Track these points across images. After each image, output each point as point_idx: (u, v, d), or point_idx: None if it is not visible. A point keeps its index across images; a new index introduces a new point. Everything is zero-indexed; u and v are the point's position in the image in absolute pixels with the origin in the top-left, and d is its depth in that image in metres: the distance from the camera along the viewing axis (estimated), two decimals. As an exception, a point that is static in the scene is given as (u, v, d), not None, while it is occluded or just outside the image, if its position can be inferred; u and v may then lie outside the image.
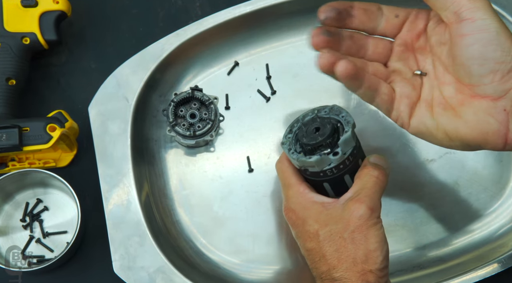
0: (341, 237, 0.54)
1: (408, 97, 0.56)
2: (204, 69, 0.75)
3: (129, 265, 0.66)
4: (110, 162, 0.68)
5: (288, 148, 0.58)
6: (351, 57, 0.57)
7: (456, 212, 0.72)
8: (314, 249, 0.56)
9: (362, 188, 0.55)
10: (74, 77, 0.76)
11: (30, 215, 0.71)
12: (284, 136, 0.60)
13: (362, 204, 0.54)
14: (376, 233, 0.54)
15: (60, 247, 0.70)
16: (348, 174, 0.57)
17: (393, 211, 0.71)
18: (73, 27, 0.77)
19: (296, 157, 0.57)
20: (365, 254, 0.53)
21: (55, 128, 0.67)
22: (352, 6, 0.58)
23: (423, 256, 0.70)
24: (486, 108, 0.52)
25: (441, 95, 0.55)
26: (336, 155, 0.55)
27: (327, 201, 0.57)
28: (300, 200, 0.58)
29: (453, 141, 0.54)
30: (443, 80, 0.55)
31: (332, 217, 0.55)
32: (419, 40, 0.57)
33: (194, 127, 0.70)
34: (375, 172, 0.56)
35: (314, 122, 0.58)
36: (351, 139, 0.56)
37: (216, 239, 0.71)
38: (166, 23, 0.77)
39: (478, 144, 0.53)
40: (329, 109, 0.59)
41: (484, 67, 0.51)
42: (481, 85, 0.52)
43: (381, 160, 0.58)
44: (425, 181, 0.72)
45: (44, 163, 0.72)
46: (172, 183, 0.73)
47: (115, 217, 0.67)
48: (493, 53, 0.50)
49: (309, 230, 0.56)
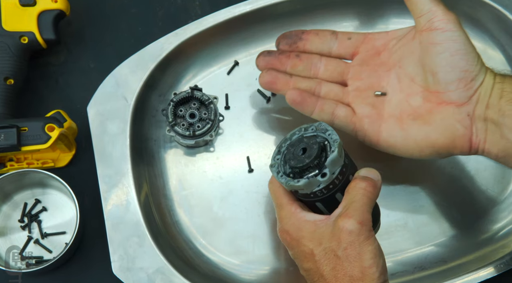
0: (335, 255, 0.53)
1: (368, 116, 0.61)
2: (203, 69, 0.75)
3: (128, 266, 0.66)
4: (109, 162, 0.68)
5: (276, 171, 0.57)
6: (300, 78, 0.64)
7: (458, 212, 0.72)
8: (312, 269, 0.55)
9: (350, 202, 0.54)
10: (73, 77, 0.76)
11: (29, 216, 0.71)
12: (272, 158, 0.59)
13: (350, 219, 0.53)
14: (369, 249, 0.53)
15: (59, 248, 0.70)
16: (339, 192, 0.56)
17: (394, 212, 0.71)
18: (72, 26, 0.77)
19: (285, 181, 0.56)
20: (361, 271, 0.52)
21: (53, 128, 0.67)
22: (303, 32, 0.66)
23: (425, 257, 0.70)
24: (452, 114, 0.57)
25: (409, 106, 0.59)
26: (324, 177, 0.54)
27: (319, 219, 0.56)
28: (293, 220, 0.57)
29: (423, 150, 0.59)
30: (409, 91, 0.60)
31: (324, 235, 0.54)
32: (380, 57, 0.62)
33: (194, 127, 0.70)
34: (363, 184, 0.55)
35: (300, 143, 0.57)
36: (338, 158, 0.55)
37: (216, 240, 0.71)
38: (165, 22, 0.77)
39: (447, 150, 0.58)
40: (315, 127, 0.58)
41: (451, 75, 0.56)
42: (447, 92, 0.57)
43: (370, 172, 0.57)
44: (426, 182, 0.72)
45: (42, 163, 0.72)
46: (171, 183, 0.73)
47: (114, 218, 0.67)
48: (460, 62, 0.56)
49: (305, 250, 0.56)
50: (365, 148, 0.64)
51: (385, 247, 0.55)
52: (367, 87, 0.63)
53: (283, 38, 0.67)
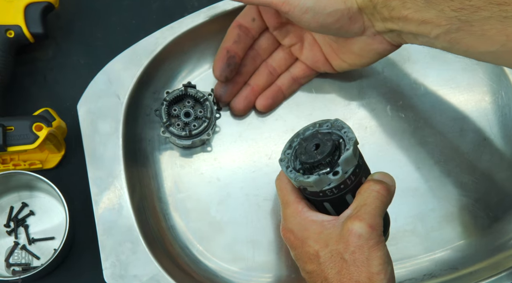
0: (342, 258, 0.53)
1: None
2: (200, 65, 0.75)
3: (121, 273, 0.66)
4: (100, 164, 0.68)
5: (286, 166, 0.58)
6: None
7: (469, 217, 0.72)
8: (315, 272, 0.55)
9: (362, 204, 0.54)
10: (62, 73, 0.76)
11: (15, 220, 0.71)
12: (282, 152, 0.59)
13: (361, 222, 0.53)
14: (378, 255, 0.53)
15: (47, 254, 0.70)
16: (350, 194, 0.56)
17: (402, 216, 0.72)
18: (61, 20, 0.77)
19: (294, 177, 0.56)
20: (368, 277, 0.52)
21: (41, 127, 0.67)
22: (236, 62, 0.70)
23: (434, 264, 0.70)
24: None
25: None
26: (336, 175, 0.54)
27: (327, 220, 0.56)
28: (298, 219, 0.57)
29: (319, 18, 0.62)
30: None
31: (331, 237, 0.55)
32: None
33: (190, 127, 0.70)
34: (376, 187, 0.55)
35: (314, 138, 0.57)
36: (352, 157, 0.55)
37: (213, 245, 0.71)
38: (160, 15, 0.77)
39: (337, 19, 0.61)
40: (331, 124, 0.58)
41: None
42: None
43: (385, 177, 0.57)
44: (436, 184, 0.72)
45: (30, 164, 0.71)
46: (166, 185, 0.73)
47: (106, 222, 0.67)
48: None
49: (309, 251, 0.56)
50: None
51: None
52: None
53: (221, 72, 0.69)
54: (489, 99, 0.74)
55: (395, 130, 0.73)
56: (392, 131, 0.73)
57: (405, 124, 0.73)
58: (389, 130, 0.73)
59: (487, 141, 0.73)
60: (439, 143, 0.73)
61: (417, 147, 0.73)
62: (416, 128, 0.73)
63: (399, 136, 0.73)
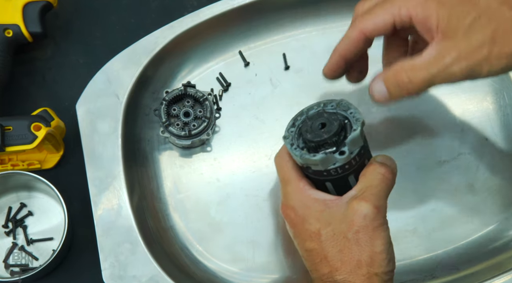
0: (344, 237, 0.54)
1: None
2: (200, 64, 0.75)
3: (120, 274, 0.65)
4: (99, 164, 0.68)
5: (290, 143, 0.58)
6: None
7: (471, 217, 0.72)
8: (315, 250, 0.56)
9: (367, 186, 0.55)
10: (61, 73, 0.76)
11: (13, 221, 0.71)
12: (286, 130, 0.59)
13: (367, 202, 0.54)
14: (382, 235, 0.54)
15: (46, 255, 0.70)
16: (353, 175, 0.57)
17: (403, 216, 0.71)
18: (59, 19, 0.77)
19: (299, 154, 0.56)
20: (370, 257, 0.53)
21: (40, 127, 0.67)
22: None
23: (435, 264, 0.70)
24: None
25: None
26: (342, 155, 0.55)
27: (329, 199, 0.56)
28: (300, 197, 0.57)
29: None
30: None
31: (334, 216, 0.55)
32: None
33: (189, 126, 0.70)
34: (382, 169, 0.56)
35: (320, 117, 0.57)
36: (359, 138, 0.55)
37: (213, 246, 0.71)
38: (160, 14, 0.77)
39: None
40: (336, 104, 0.58)
41: None
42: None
43: (388, 160, 0.58)
44: (437, 184, 0.72)
45: (28, 164, 0.71)
46: (166, 186, 0.72)
47: (105, 223, 0.67)
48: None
49: (310, 229, 0.56)
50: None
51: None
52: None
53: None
54: (491, 99, 0.74)
55: (395, 130, 0.73)
56: (392, 131, 0.73)
57: (406, 124, 0.73)
58: (389, 130, 0.73)
59: (488, 141, 0.73)
60: (440, 143, 0.73)
61: (418, 147, 0.73)
62: (417, 128, 0.73)
63: (400, 136, 0.73)
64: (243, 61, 0.75)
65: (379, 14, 0.54)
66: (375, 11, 0.54)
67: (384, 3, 0.54)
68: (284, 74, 0.75)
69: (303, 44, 0.75)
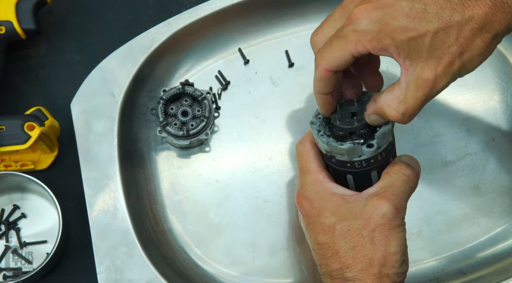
0: (359, 234, 0.54)
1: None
2: (198, 62, 0.75)
3: (116, 278, 0.66)
4: (94, 165, 0.68)
5: (317, 129, 0.57)
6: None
7: (477, 219, 0.72)
8: (327, 244, 0.56)
9: (389, 185, 0.55)
10: (55, 71, 0.76)
11: (6, 223, 0.71)
12: (314, 115, 0.59)
13: (387, 202, 0.54)
14: (398, 236, 0.54)
15: (39, 258, 0.70)
16: (376, 170, 0.57)
17: (408, 218, 0.69)
18: (54, 15, 0.77)
19: (326, 141, 0.56)
20: (384, 256, 0.53)
21: (33, 126, 0.67)
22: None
23: (441, 268, 0.70)
24: None
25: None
26: (370, 147, 0.55)
27: (348, 194, 0.56)
28: (318, 189, 0.57)
29: None
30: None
31: (352, 211, 0.55)
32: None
33: (187, 126, 0.70)
34: (407, 171, 0.56)
35: (351, 106, 0.57)
36: (389, 133, 0.55)
37: (211, 249, 0.71)
38: (157, 10, 0.77)
39: None
40: (369, 97, 0.58)
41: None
42: None
43: (414, 162, 0.58)
44: (443, 186, 0.72)
45: (21, 165, 0.71)
46: (163, 187, 0.72)
47: (100, 225, 0.67)
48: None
49: (325, 222, 0.56)
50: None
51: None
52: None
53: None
54: (498, 97, 0.74)
55: (400, 130, 0.73)
56: (397, 131, 0.73)
57: (410, 124, 0.73)
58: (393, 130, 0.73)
59: (495, 141, 0.73)
60: (445, 143, 0.73)
61: (423, 147, 0.73)
62: (422, 127, 0.73)
63: (404, 136, 0.73)
64: (243, 58, 0.75)
65: (337, 52, 0.53)
66: (332, 50, 0.53)
67: (338, 41, 0.53)
68: (285, 72, 0.75)
69: (304, 41, 0.75)
